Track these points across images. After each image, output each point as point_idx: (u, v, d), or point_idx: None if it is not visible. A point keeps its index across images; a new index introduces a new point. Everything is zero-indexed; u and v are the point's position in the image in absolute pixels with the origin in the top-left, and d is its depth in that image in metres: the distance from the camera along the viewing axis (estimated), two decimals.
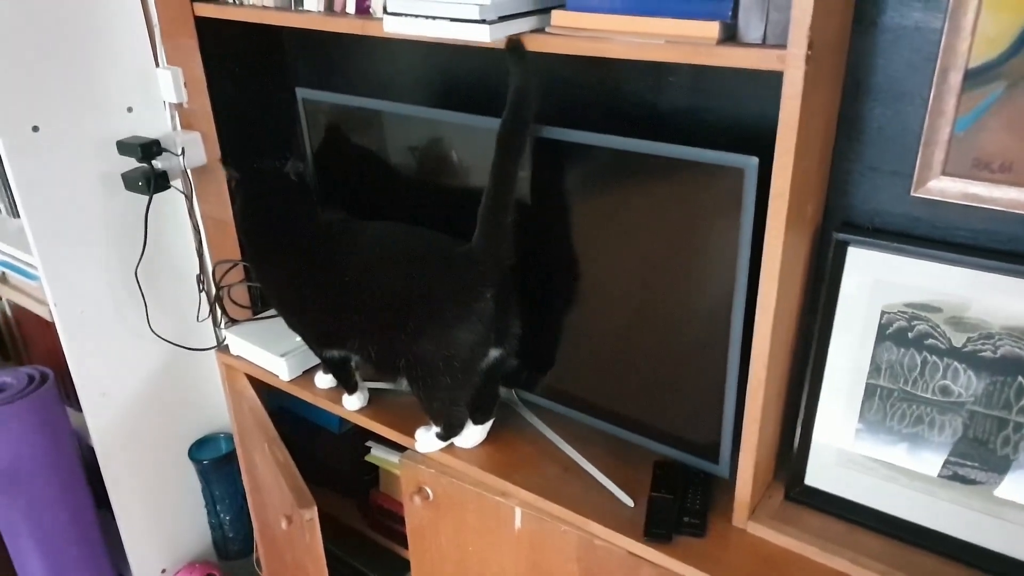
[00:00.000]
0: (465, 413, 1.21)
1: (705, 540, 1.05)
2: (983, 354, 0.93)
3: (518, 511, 1.17)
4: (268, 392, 1.54)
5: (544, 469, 1.19)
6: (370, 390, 1.37)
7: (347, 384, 1.34)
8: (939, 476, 1.00)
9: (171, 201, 1.55)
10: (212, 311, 1.63)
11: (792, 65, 0.80)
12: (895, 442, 1.02)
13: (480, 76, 1.30)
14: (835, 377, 1.04)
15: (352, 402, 1.35)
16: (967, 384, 0.95)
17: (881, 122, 0.95)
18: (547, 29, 0.95)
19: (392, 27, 0.99)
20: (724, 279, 0.97)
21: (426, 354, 1.11)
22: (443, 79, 1.36)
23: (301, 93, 1.33)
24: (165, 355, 1.65)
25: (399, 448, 1.37)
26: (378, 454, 1.50)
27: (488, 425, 1.25)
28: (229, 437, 1.82)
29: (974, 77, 0.84)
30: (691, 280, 1.01)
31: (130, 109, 1.45)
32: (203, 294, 1.62)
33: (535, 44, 0.96)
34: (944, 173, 0.89)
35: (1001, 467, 0.95)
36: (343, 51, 1.48)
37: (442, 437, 1.23)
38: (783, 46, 0.81)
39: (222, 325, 1.62)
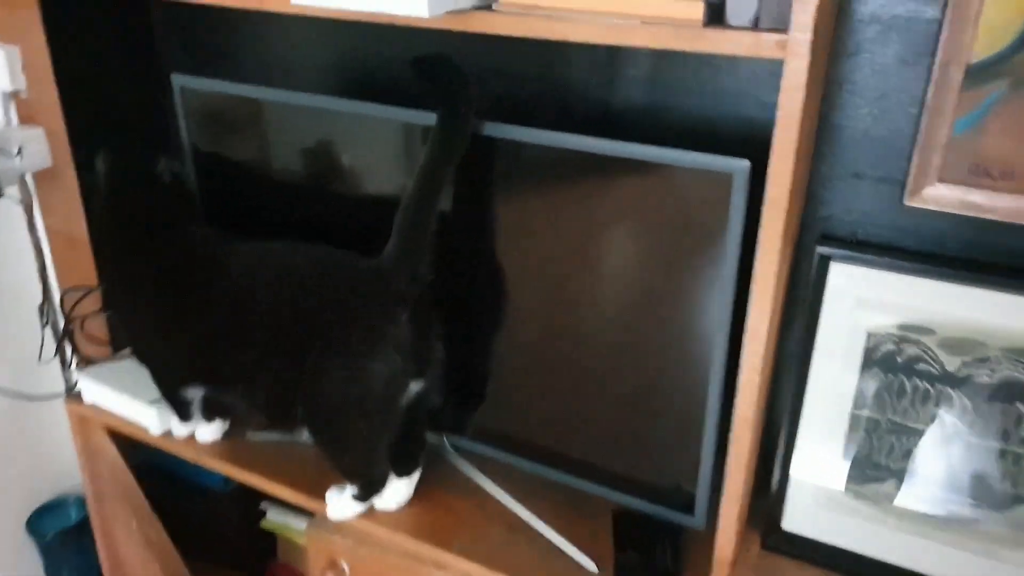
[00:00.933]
0: (386, 466, 1.02)
1: None
2: (979, 379, 0.85)
3: None
4: (132, 445, 1.27)
5: (487, 531, 1.01)
6: (262, 442, 1.15)
7: (184, 413, 1.14)
8: (934, 515, 0.90)
9: (3, 214, 1.26)
10: (59, 350, 1.34)
11: (795, 53, 0.68)
12: (883, 478, 0.92)
13: (400, 62, 1.12)
14: (816, 409, 0.93)
15: (180, 429, 1.16)
16: (961, 412, 0.86)
17: (867, 123, 0.85)
18: (495, 6, 0.79)
19: (301, 0, 0.80)
20: (703, 301, 0.84)
21: (331, 396, 0.92)
22: (355, 66, 1.17)
23: (178, 80, 1.10)
24: None
25: (301, 511, 1.15)
26: (276, 519, 1.26)
27: (415, 477, 1.05)
28: (80, 501, 1.51)
29: (976, 74, 0.76)
30: (662, 302, 0.87)
31: None
32: (47, 328, 1.32)
33: (481, 24, 0.79)
34: (940, 180, 0.80)
35: (998, 503, 0.87)
36: (228, 31, 1.25)
37: (360, 498, 1.02)
38: (780, 29, 0.69)
39: (73, 366, 1.33)
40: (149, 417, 1.19)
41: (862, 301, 0.87)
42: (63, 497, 1.51)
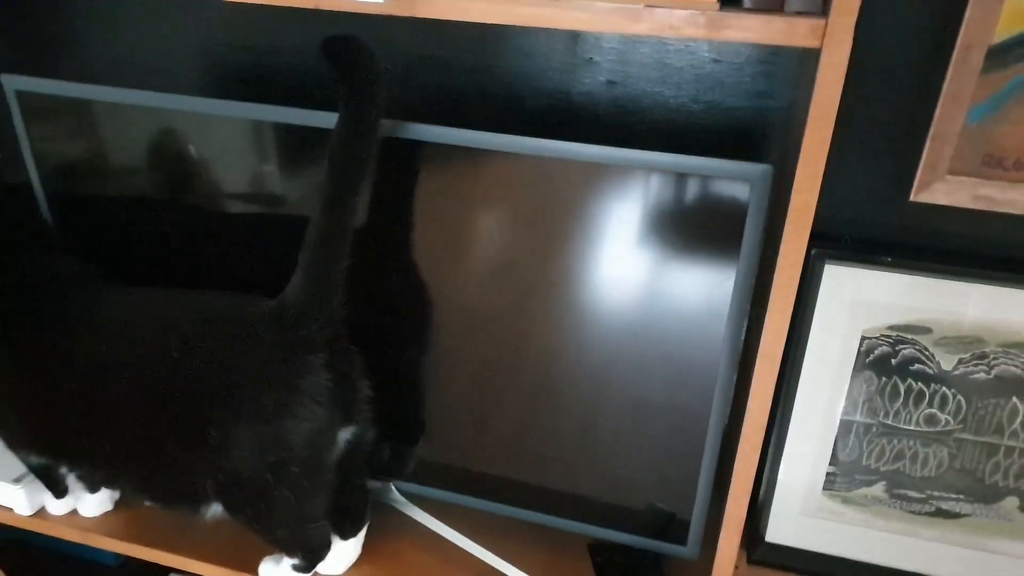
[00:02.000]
0: (328, 528, 0.86)
1: None
2: (976, 376, 0.81)
3: None
4: None
5: None
6: None
7: (54, 484, 0.94)
8: (921, 513, 0.88)
9: None
10: None
11: (836, 40, 0.58)
12: (871, 482, 0.88)
13: (299, 57, 0.93)
14: (805, 416, 0.87)
15: (58, 507, 0.96)
16: (956, 411, 0.83)
17: (872, 112, 0.78)
18: None
19: None
20: (706, 314, 0.74)
21: (247, 469, 0.75)
22: (235, 60, 0.96)
23: (9, 82, 0.85)
24: None
25: None
26: None
27: (361, 536, 0.91)
28: None
29: (997, 56, 0.69)
30: (658, 316, 0.77)
31: None
32: None
33: (441, 8, 0.64)
34: (951, 172, 0.74)
35: (990, 496, 0.85)
36: (56, 23, 1.00)
37: (303, 569, 0.87)
38: (810, 13, 0.60)
39: None
40: (15, 497, 0.96)
41: (856, 303, 0.82)
42: None
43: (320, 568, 0.89)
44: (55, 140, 0.88)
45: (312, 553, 0.86)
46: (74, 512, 0.97)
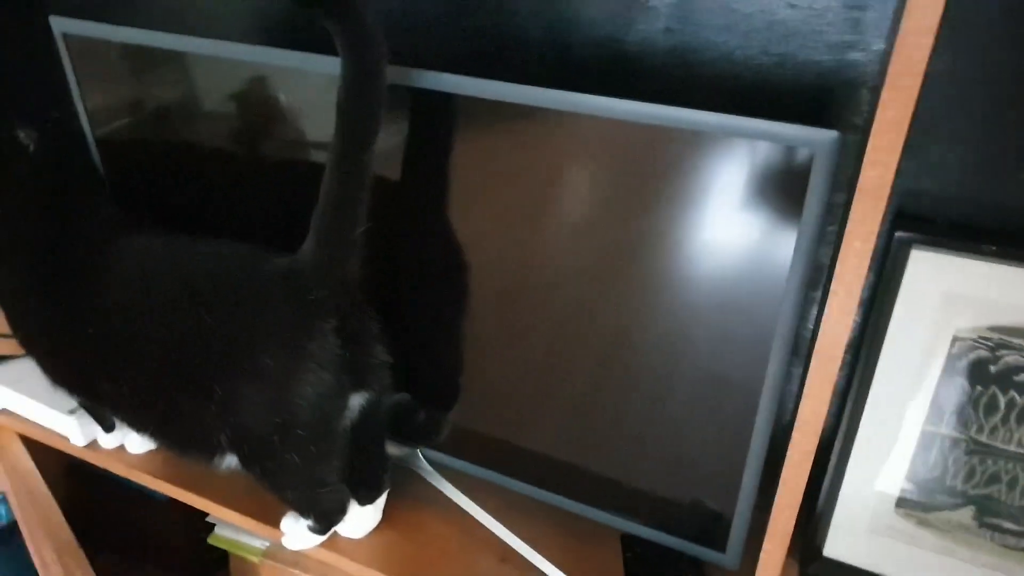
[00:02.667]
0: (342, 493, 0.84)
1: None
2: None
3: None
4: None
5: (473, 561, 0.85)
6: None
7: (103, 419, 0.96)
8: (1018, 548, 0.75)
9: None
10: None
11: None
12: (957, 506, 0.76)
13: None
14: (876, 422, 0.76)
15: (108, 440, 0.98)
16: None
17: (973, 70, 0.64)
18: None
19: None
20: (760, 299, 0.64)
21: (254, 427, 0.73)
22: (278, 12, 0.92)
23: (59, 25, 0.84)
24: None
25: None
26: (225, 535, 1.09)
27: (380, 503, 0.88)
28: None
29: None
30: (704, 296, 0.68)
31: None
32: None
33: None
34: None
35: None
36: None
37: (317, 531, 0.85)
38: None
39: None
40: (69, 428, 0.99)
41: (950, 297, 0.69)
42: None
43: (340, 530, 0.87)
44: (102, 83, 0.87)
45: (325, 517, 0.84)
46: (122, 447, 1.00)
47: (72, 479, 1.12)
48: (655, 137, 0.61)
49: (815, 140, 0.54)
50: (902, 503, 0.77)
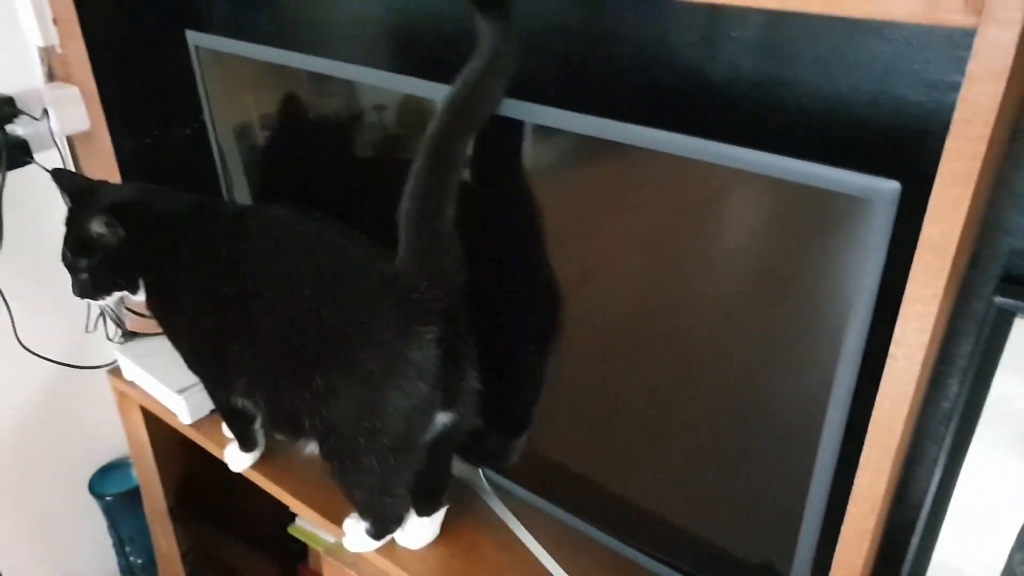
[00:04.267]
0: (403, 504, 0.86)
1: None
2: None
3: None
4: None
5: None
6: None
7: (244, 440, 1.01)
8: None
9: (40, 179, 1.16)
10: (104, 322, 1.26)
11: (997, 17, 0.42)
12: None
13: (451, 32, 0.91)
14: (970, 497, 0.67)
15: (242, 460, 1.02)
16: None
17: None
18: None
19: None
20: (820, 352, 0.59)
21: (341, 422, 0.76)
22: (399, 34, 0.97)
23: (193, 38, 0.94)
24: (49, 375, 1.29)
25: None
26: (305, 527, 1.14)
27: (439, 517, 0.89)
28: None
29: None
30: (765, 345, 0.64)
31: None
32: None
33: None
34: None
35: None
36: None
37: (373, 535, 0.87)
38: None
39: (115, 339, 1.25)
40: (178, 406, 1.09)
41: None
42: (123, 459, 1.48)
43: (398, 539, 0.89)
44: (227, 92, 0.95)
45: (382, 523, 0.86)
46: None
47: (184, 450, 1.22)
48: (720, 175, 0.58)
49: (873, 190, 0.50)
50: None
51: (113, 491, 1.43)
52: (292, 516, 1.17)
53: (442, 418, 0.78)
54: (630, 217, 0.67)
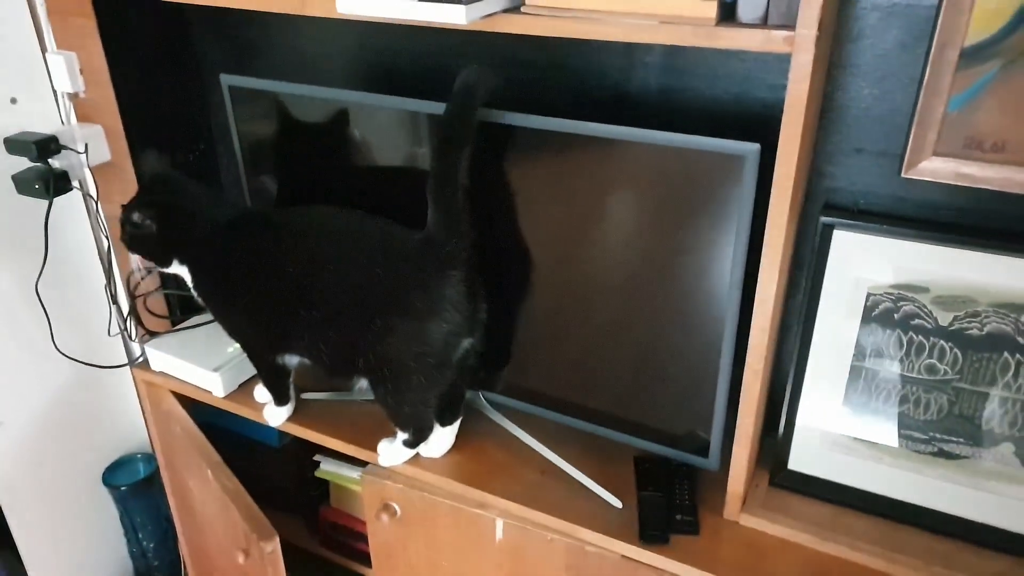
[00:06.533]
0: (434, 415, 1.14)
1: (699, 537, 1.03)
2: (969, 332, 0.94)
3: (499, 522, 1.10)
4: (193, 407, 1.39)
5: (521, 475, 1.13)
6: (315, 401, 1.28)
7: (281, 395, 1.24)
8: (925, 453, 1.01)
9: (71, 204, 1.36)
10: (125, 324, 1.45)
11: (801, 48, 0.76)
12: (880, 422, 1.02)
13: (428, 57, 1.20)
14: (819, 360, 1.03)
15: (280, 415, 1.25)
16: (953, 362, 0.96)
17: (868, 102, 0.93)
18: (523, 8, 0.86)
19: (348, 7, 0.88)
20: (717, 269, 0.93)
21: (395, 353, 1.03)
22: (380, 61, 1.25)
23: (227, 80, 1.18)
24: (72, 375, 1.47)
25: (353, 460, 1.28)
26: (330, 468, 1.39)
27: (456, 427, 1.18)
28: (147, 457, 1.66)
29: (970, 55, 0.82)
30: (680, 271, 0.97)
31: (13, 100, 1.25)
32: (114, 306, 1.44)
33: (509, 25, 0.87)
34: (936, 153, 0.88)
35: (985, 441, 0.97)
36: (261, 33, 1.33)
37: (410, 444, 1.14)
38: (787, 27, 0.77)
39: (136, 338, 1.45)
40: (213, 382, 1.31)
41: (862, 264, 0.96)
42: (131, 455, 1.66)
43: (422, 452, 1.16)
44: (253, 122, 1.20)
45: (420, 431, 1.14)
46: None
47: (212, 433, 1.43)
48: (643, 152, 0.91)
49: (747, 149, 0.84)
50: (841, 424, 1.04)
51: (125, 482, 1.61)
52: (313, 464, 1.41)
53: (466, 342, 1.07)
54: (577, 186, 0.98)
